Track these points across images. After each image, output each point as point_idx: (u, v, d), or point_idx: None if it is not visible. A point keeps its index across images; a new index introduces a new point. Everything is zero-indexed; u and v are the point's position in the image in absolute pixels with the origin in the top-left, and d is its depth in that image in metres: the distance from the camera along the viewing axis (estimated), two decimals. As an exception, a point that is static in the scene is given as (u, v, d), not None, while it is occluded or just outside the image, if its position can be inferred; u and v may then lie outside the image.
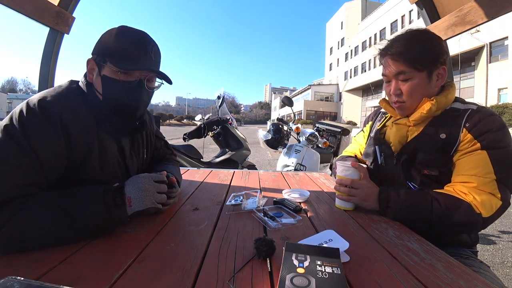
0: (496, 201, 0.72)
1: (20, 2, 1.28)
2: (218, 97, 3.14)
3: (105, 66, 0.70)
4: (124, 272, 0.47)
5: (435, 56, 0.83)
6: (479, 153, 0.75)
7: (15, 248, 0.53)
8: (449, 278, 0.49)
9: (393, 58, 0.85)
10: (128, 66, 0.69)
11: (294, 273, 0.43)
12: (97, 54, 0.71)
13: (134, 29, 0.73)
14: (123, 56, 0.69)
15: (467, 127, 0.78)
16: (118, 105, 0.73)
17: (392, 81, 0.89)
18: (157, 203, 0.69)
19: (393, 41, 0.87)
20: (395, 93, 0.88)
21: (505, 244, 2.33)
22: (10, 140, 0.57)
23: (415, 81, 0.84)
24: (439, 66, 0.84)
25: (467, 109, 0.82)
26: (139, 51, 0.71)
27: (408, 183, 0.88)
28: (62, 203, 0.58)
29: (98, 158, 0.70)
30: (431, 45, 0.84)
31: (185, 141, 2.72)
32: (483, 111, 0.80)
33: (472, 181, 0.74)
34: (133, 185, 0.66)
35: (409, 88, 0.85)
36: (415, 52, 0.82)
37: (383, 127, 1.01)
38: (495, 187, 0.72)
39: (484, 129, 0.76)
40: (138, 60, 0.71)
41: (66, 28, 1.55)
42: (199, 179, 1.29)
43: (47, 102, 0.63)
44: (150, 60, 0.73)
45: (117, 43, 0.69)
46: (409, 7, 21.47)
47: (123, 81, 0.71)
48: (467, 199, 0.72)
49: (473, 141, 0.76)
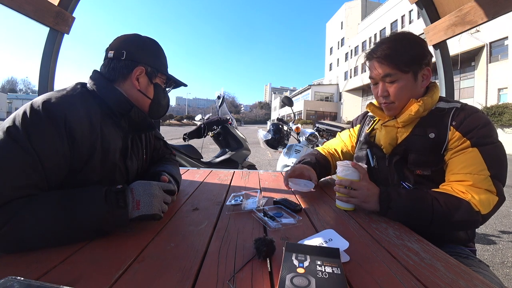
0: (493, 197, 0.74)
1: (20, 2, 1.27)
2: (218, 97, 3.14)
3: (157, 76, 0.85)
4: (124, 272, 0.47)
5: (420, 57, 0.86)
6: (471, 150, 0.77)
7: (15, 248, 0.53)
8: (449, 278, 0.49)
9: (379, 61, 0.88)
10: (171, 77, 0.89)
11: (294, 273, 0.43)
12: (147, 64, 0.82)
13: (158, 43, 0.89)
14: (166, 68, 0.89)
15: (454, 125, 0.81)
16: (162, 107, 0.89)
17: (379, 83, 0.92)
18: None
19: (378, 45, 0.90)
20: (382, 94, 0.91)
21: (505, 244, 2.33)
22: (12, 142, 0.57)
23: (402, 82, 0.87)
24: (423, 67, 0.87)
25: (451, 107, 0.85)
26: (167, 62, 0.91)
27: (402, 183, 0.89)
28: (64, 203, 0.58)
29: (100, 158, 0.70)
30: (415, 47, 0.86)
31: (185, 141, 2.72)
32: (468, 109, 0.83)
33: (468, 179, 0.75)
34: (144, 189, 0.67)
35: (396, 90, 0.88)
36: (400, 55, 0.85)
37: (372, 131, 1.03)
38: (490, 183, 0.74)
39: (471, 126, 0.79)
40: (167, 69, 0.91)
41: (66, 28, 1.55)
42: (199, 179, 1.29)
43: (51, 104, 0.62)
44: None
45: (160, 55, 0.86)
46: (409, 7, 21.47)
47: (163, 88, 0.89)
48: (466, 198, 0.73)
49: (462, 138, 0.79)
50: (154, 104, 0.86)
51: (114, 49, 0.79)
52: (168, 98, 0.93)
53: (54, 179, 0.62)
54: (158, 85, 0.86)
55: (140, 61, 0.80)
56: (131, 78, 0.80)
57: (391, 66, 0.86)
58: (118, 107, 0.76)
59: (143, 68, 0.80)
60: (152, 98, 0.85)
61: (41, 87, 1.51)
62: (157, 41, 0.88)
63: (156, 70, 0.84)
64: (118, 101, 0.76)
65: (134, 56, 0.79)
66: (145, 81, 0.82)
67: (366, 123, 1.11)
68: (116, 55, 0.78)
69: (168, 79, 0.90)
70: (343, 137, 1.23)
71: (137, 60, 0.80)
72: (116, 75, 0.79)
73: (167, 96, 0.92)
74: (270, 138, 2.79)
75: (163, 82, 0.88)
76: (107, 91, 0.76)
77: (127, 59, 0.79)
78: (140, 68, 0.80)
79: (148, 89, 0.84)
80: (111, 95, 0.76)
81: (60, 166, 0.63)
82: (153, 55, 0.84)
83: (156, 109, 0.88)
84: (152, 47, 0.85)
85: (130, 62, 0.79)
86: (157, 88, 0.86)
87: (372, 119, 1.08)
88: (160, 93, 0.87)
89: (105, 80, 0.78)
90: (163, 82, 0.88)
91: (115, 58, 0.78)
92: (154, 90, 0.85)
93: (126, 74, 0.79)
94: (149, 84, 0.84)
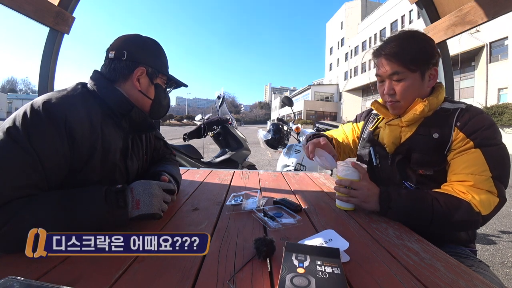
0: (493, 198, 0.73)
1: (20, 2, 1.27)
2: (218, 97, 3.14)
3: (157, 77, 0.84)
4: (124, 272, 0.47)
5: (428, 57, 0.85)
6: (473, 151, 0.76)
7: (15, 248, 0.52)
8: (449, 278, 0.49)
9: (387, 58, 0.86)
10: (172, 77, 0.89)
11: (294, 273, 0.43)
12: (148, 65, 0.81)
13: (159, 43, 0.88)
14: (167, 69, 0.89)
15: (458, 126, 0.80)
16: (162, 108, 0.89)
17: (385, 81, 0.90)
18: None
19: (387, 42, 0.88)
20: (388, 93, 0.89)
21: (505, 244, 2.33)
22: (12, 142, 0.57)
23: (409, 81, 0.86)
24: (431, 67, 0.86)
25: (456, 108, 0.84)
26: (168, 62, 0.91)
27: (405, 182, 0.89)
28: (64, 203, 0.58)
29: (100, 158, 0.70)
30: (424, 46, 0.85)
31: (185, 141, 2.72)
32: (472, 110, 0.83)
33: (469, 179, 0.75)
34: (144, 189, 0.67)
35: (403, 88, 0.86)
36: (409, 53, 0.84)
37: (376, 129, 1.02)
38: (491, 185, 0.74)
39: (475, 128, 0.78)
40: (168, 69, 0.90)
41: (66, 28, 1.55)
42: (199, 179, 1.29)
43: (52, 105, 0.62)
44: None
45: (161, 56, 0.86)
46: (409, 7, 21.46)
47: (164, 88, 0.89)
48: (466, 198, 0.73)
49: (465, 139, 0.78)
50: (155, 105, 0.86)
51: (115, 49, 0.79)
52: (168, 99, 0.92)
53: (54, 179, 0.62)
54: (159, 86, 0.86)
55: (141, 62, 0.80)
56: (132, 78, 0.79)
57: (399, 64, 0.84)
58: (118, 107, 0.76)
59: (144, 68, 0.80)
60: (153, 98, 0.85)
61: (41, 87, 1.51)
62: (158, 41, 0.87)
63: (157, 71, 0.84)
64: (119, 102, 0.76)
65: (135, 57, 0.79)
66: (146, 82, 0.82)
67: (370, 121, 1.09)
68: (117, 56, 0.78)
69: (169, 79, 0.89)
70: (346, 129, 1.21)
71: (138, 60, 0.79)
72: (116, 75, 0.79)
73: (168, 96, 0.92)
74: (270, 138, 2.79)
75: (164, 82, 0.88)
76: (107, 91, 0.75)
77: (128, 59, 0.78)
78: (141, 68, 0.80)
79: (149, 89, 0.83)
80: (112, 96, 0.75)
81: (60, 166, 0.62)
82: (154, 56, 0.84)
83: (157, 109, 0.88)
84: (153, 47, 0.85)
85: (131, 63, 0.79)
86: (158, 89, 0.85)
87: (376, 117, 1.07)
88: (161, 94, 0.87)
89: (106, 81, 0.78)
90: (164, 83, 0.88)
91: (116, 59, 0.78)
92: (155, 91, 0.85)
93: (127, 74, 0.79)
94: (150, 84, 0.83)
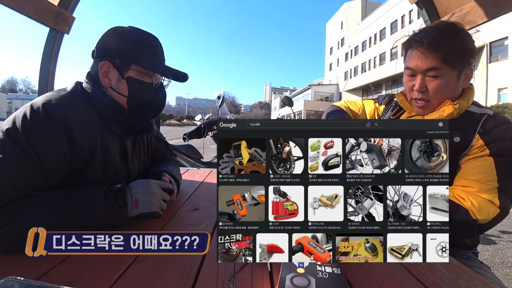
0: (494, 208, 0.70)
1: (20, 2, 1.27)
2: (218, 97, 3.14)
3: (129, 69, 0.72)
4: (124, 272, 0.47)
5: (469, 54, 0.77)
6: (486, 159, 0.73)
7: (15, 248, 0.52)
8: (449, 278, 0.49)
9: (425, 51, 0.76)
10: (155, 68, 0.75)
11: (294, 273, 0.43)
12: (114, 57, 0.72)
13: (144, 31, 0.77)
14: (148, 59, 0.74)
15: (481, 132, 0.75)
16: (144, 105, 0.77)
17: (417, 76, 0.79)
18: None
19: (426, 32, 0.78)
20: (420, 89, 0.79)
21: (505, 244, 2.33)
22: (12, 142, 0.56)
23: (445, 79, 0.76)
24: (467, 66, 0.79)
25: (483, 113, 0.78)
26: (157, 52, 0.77)
27: None
28: (63, 203, 0.58)
29: (101, 160, 0.70)
30: (467, 42, 0.76)
31: (185, 141, 2.72)
32: (498, 118, 0.77)
33: (473, 186, 0.72)
34: (142, 188, 0.67)
35: (438, 87, 0.77)
36: (451, 48, 0.74)
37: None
38: (495, 195, 0.70)
39: (497, 137, 0.73)
40: (157, 61, 0.76)
41: (66, 28, 1.55)
42: (199, 179, 1.28)
43: (51, 106, 0.62)
44: (163, 60, 0.79)
45: (138, 45, 0.74)
46: (409, 7, 21.46)
47: (148, 83, 0.75)
48: (465, 205, 0.70)
49: (483, 147, 0.74)
50: (132, 102, 0.75)
51: (94, 48, 0.75)
52: (153, 93, 0.77)
53: (54, 180, 0.62)
54: (132, 79, 0.73)
55: (106, 55, 0.72)
56: (101, 77, 0.73)
57: (440, 59, 0.74)
58: (105, 111, 0.72)
59: (108, 63, 0.72)
60: (127, 95, 0.74)
61: (41, 87, 1.51)
62: (145, 31, 0.77)
63: (128, 62, 0.72)
64: (105, 105, 0.72)
65: (100, 51, 0.73)
66: (115, 77, 0.73)
67: (390, 109, 1.00)
68: (92, 54, 0.75)
69: (150, 70, 0.74)
70: (367, 107, 1.08)
71: (103, 54, 0.73)
72: (96, 76, 0.74)
73: (152, 90, 0.77)
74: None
75: (142, 74, 0.74)
76: (95, 94, 0.72)
77: (96, 56, 0.74)
78: (105, 63, 0.72)
79: (119, 85, 0.73)
80: (99, 99, 0.72)
81: (60, 167, 0.62)
82: (126, 46, 0.72)
83: (136, 107, 0.76)
84: (129, 37, 0.74)
85: (97, 60, 0.74)
86: (131, 83, 0.73)
87: (397, 106, 0.97)
88: (135, 88, 0.74)
89: (94, 82, 0.74)
90: (142, 75, 0.74)
91: (92, 58, 0.75)
92: (128, 85, 0.73)
93: (97, 72, 0.73)
94: (121, 79, 0.73)
